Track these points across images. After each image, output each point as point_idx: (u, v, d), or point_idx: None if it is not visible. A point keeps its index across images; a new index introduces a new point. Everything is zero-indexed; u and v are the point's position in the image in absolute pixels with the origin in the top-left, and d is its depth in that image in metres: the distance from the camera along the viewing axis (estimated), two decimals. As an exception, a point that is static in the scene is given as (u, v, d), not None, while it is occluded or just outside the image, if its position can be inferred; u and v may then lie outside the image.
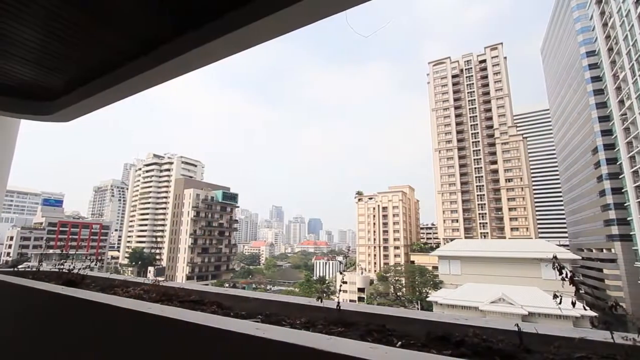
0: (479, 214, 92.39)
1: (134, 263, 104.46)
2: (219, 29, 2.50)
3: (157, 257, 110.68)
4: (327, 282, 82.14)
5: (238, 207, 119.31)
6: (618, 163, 64.16)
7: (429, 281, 63.22)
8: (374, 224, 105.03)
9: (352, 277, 76.89)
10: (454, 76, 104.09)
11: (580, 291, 1.53)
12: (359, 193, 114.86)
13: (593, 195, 77.03)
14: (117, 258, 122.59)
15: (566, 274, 1.56)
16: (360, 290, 72.42)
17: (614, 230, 66.90)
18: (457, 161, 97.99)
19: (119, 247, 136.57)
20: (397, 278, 70.59)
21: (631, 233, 60.06)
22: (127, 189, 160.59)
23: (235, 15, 2.41)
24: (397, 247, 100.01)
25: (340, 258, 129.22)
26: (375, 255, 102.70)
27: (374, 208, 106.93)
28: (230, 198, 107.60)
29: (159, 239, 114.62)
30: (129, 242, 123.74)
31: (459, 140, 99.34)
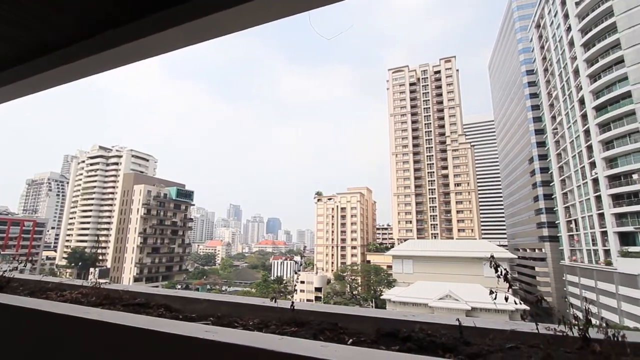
0: (431, 215, 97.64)
1: (73, 264, 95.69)
2: (177, 17, 2.33)
3: (101, 257, 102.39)
4: (284, 282, 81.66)
5: (193, 205, 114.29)
6: (549, 172, 71.56)
7: (383, 280, 65.52)
8: (333, 224, 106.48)
9: (309, 276, 77.31)
10: (411, 84, 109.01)
11: (514, 287, 1.63)
12: (319, 194, 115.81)
13: (528, 200, 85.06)
14: (54, 259, 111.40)
15: (501, 272, 1.64)
16: (317, 289, 73.08)
17: (545, 232, 74.54)
18: (412, 165, 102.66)
19: (56, 247, 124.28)
20: (353, 277, 72.25)
21: (558, 235, 67.30)
22: (68, 182, 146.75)
23: (196, 5, 2.30)
24: (354, 247, 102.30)
25: (298, 258, 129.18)
26: (333, 255, 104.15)
27: (332, 209, 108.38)
28: (185, 195, 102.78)
29: (103, 238, 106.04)
30: (68, 241, 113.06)
31: (414, 146, 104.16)
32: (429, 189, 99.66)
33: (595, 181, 51.47)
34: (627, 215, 46.50)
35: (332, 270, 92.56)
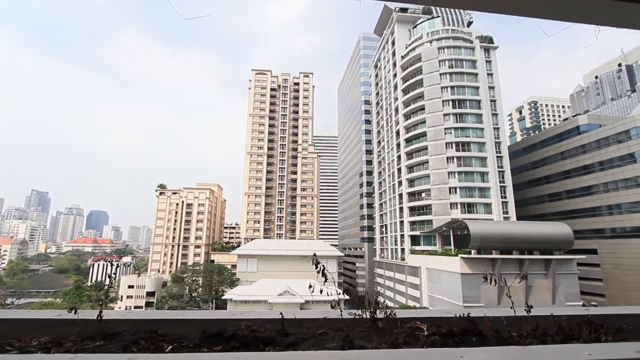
0: (278, 216, 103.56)
1: None
2: None
3: None
4: (106, 287, 69.06)
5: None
6: (372, 186, 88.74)
7: (226, 279, 64.92)
8: (176, 221, 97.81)
9: (141, 280, 68.31)
10: (272, 89, 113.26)
11: (333, 280, 2.26)
12: (162, 186, 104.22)
13: (356, 207, 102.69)
14: None
15: (319, 269, 2.07)
16: (150, 294, 65.45)
17: (365, 234, 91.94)
18: (265, 167, 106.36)
19: None
20: (194, 278, 68.45)
21: (374, 237, 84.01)
22: None
23: None
24: (198, 246, 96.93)
25: (128, 258, 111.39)
26: (172, 254, 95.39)
27: (177, 204, 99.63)
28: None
29: None
30: None
31: (269, 148, 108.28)
32: (279, 191, 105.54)
33: (401, 196, 67.23)
34: (417, 223, 62.93)
35: (171, 272, 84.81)
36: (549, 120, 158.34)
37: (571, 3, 1.69)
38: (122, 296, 69.09)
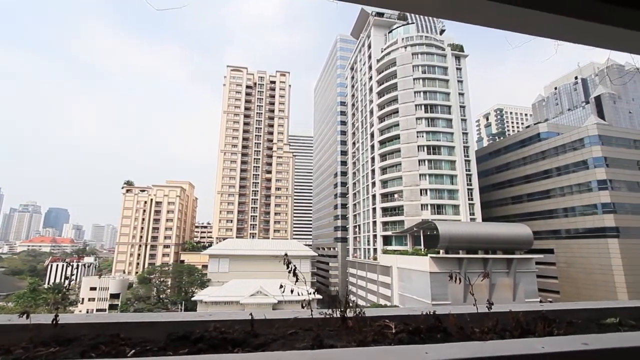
0: (251, 216, 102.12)
1: None
2: None
3: None
4: (65, 289, 64.88)
5: None
6: (346, 186, 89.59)
7: (196, 280, 63.14)
8: (144, 219, 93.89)
9: (104, 281, 64.99)
10: (248, 87, 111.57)
11: (304, 280, 2.04)
12: (129, 183, 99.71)
13: (330, 207, 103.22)
14: None
15: (290, 268, 2.06)
16: (115, 296, 62.40)
17: (339, 234, 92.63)
18: (240, 166, 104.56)
19: None
20: (162, 279, 66.00)
21: (347, 237, 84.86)
22: None
23: None
24: (167, 246, 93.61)
25: (90, 259, 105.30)
26: (139, 255, 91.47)
27: (145, 202, 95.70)
28: None
29: None
30: None
31: (243, 147, 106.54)
32: (253, 191, 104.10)
33: (374, 197, 68.38)
34: (389, 223, 64.28)
35: (137, 273, 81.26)
36: (513, 127, 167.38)
37: (532, 18, 1.81)
38: (83, 299, 65.28)
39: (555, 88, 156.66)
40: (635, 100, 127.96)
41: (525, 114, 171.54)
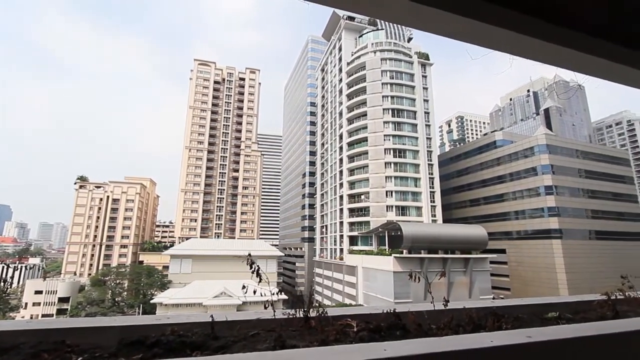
0: (217, 215, 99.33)
1: None
2: None
3: None
4: (4, 294, 59.15)
5: None
6: (314, 186, 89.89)
7: (156, 282, 60.28)
8: (99, 217, 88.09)
9: (52, 284, 60.17)
10: (216, 82, 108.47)
11: (267, 280, 2.02)
12: (82, 178, 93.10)
13: (297, 207, 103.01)
14: None
15: (254, 269, 2.10)
16: (64, 300, 57.93)
17: (306, 234, 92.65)
18: (205, 163, 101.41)
19: None
20: (118, 281, 62.25)
21: (314, 237, 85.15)
22: None
23: None
24: (124, 246, 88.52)
25: (36, 260, 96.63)
26: (93, 255, 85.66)
27: (101, 199, 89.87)
28: None
29: None
30: None
31: (210, 144, 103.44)
32: (219, 189, 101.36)
33: (342, 197, 69.22)
34: (356, 224, 65.38)
35: (90, 275, 75.99)
36: (472, 134, 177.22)
37: (490, 33, 1.95)
38: (26, 303, 59.88)
39: (511, 99, 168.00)
40: (578, 114, 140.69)
41: (484, 122, 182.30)
